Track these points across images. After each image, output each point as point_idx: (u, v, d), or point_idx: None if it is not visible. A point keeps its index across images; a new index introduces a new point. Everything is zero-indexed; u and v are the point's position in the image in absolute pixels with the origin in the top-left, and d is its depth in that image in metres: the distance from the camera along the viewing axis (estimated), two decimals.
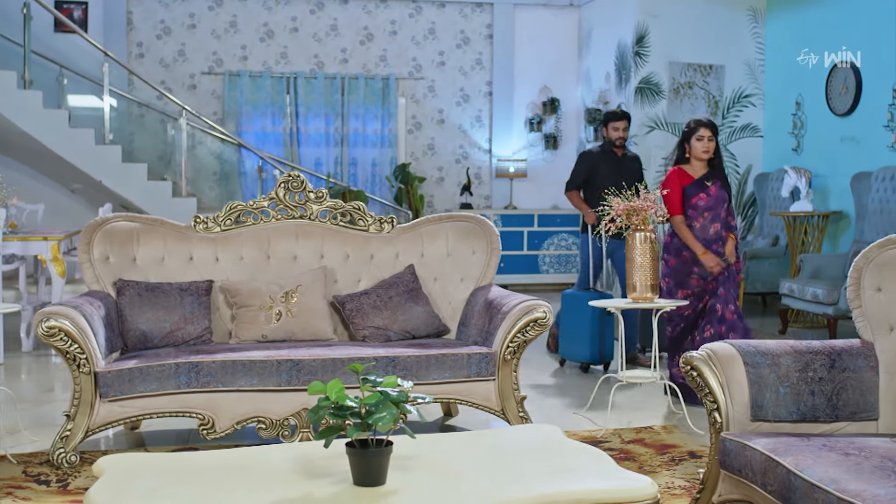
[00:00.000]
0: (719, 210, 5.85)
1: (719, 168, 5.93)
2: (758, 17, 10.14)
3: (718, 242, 5.84)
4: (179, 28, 11.01)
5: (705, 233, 5.84)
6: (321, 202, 5.31)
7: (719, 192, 5.84)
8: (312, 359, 4.57)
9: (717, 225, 5.84)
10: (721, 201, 5.85)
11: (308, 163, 11.21)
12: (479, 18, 11.70)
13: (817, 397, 3.35)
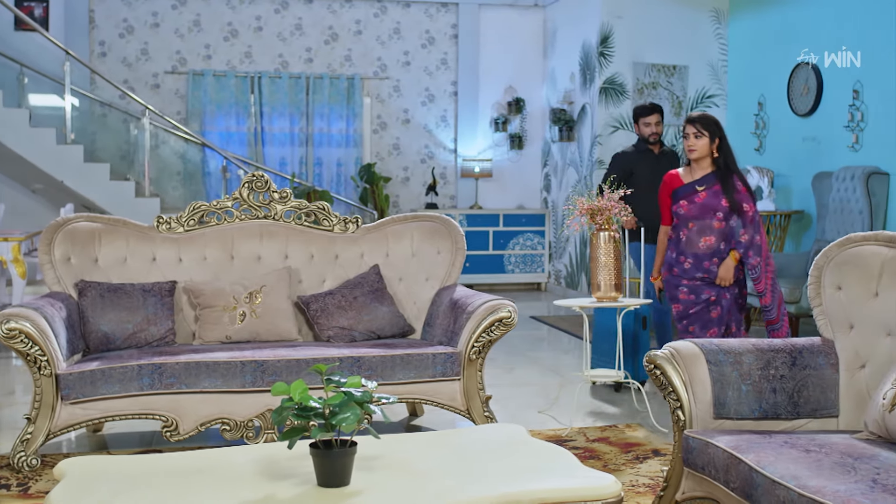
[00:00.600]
0: (709, 221, 5.11)
1: (724, 171, 5.13)
2: (720, 18, 10.23)
3: (714, 259, 5.12)
4: (142, 27, 10.91)
5: (693, 247, 5.15)
6: (285, 202, 5.28)
7: (709, 200, 5.10)
8: (277, 359, 4.55)
9: (710, 238, 5.12)
10: (710, 211, 5.10)
11: (272, 163, 11.15)
12: (444, 18, 11.70)
13: (779, 395, 3.39)
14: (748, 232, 5.08)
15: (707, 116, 5.15)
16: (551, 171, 11.59)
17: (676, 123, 10.21)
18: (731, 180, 5.11)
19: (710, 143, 5.11)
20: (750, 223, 5.09)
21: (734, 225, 5.10)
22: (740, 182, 5.14)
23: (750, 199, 5.13)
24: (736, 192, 5.09)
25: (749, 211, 5.09)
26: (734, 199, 5.08)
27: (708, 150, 5.12)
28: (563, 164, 11.16)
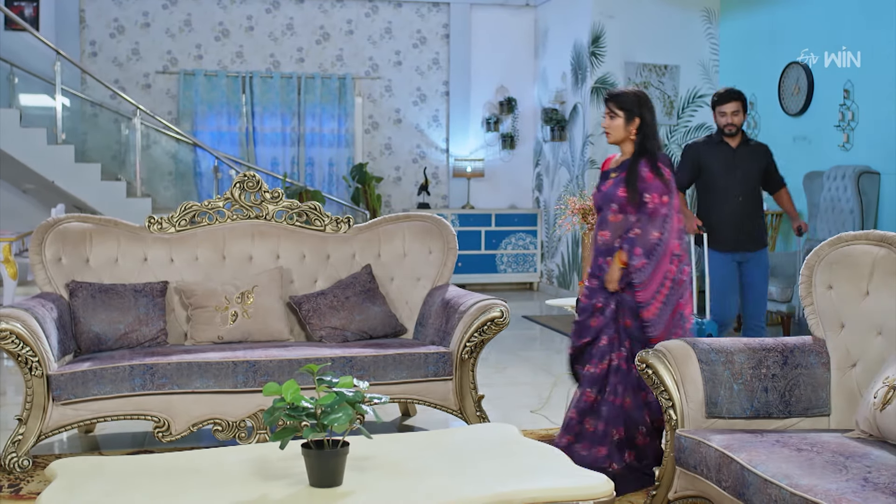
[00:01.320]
0: (606, 212, 4.32)
1: (636, 156, 4.28)
2: (711, 18, 10.24)
3: (607, 258, 4.30)
4: (133, 27, 10.88)
5: (595, 242, 4.43)
6: (277, 202, 5.28)
7: (610, 189, 4.30)
8: (269, 360, 4.54)
9: (605, 233, 4.32)
10: (608, 201, 4.30)
11: (264, 162, 11.14)
12: (435, 18, 11.70)
13: (770, 394, 3.40)
14: (642, 227, 4.18)
15: (625, 93, 4.32)
16: (543, 170, 11.60)
17: (668, 124, 10.23)
18: (637, 167, 4.24)
19: (625, 124, 4.26)
20: (649, 216, 4.18)
21: (632, 220, 4.23)
22: (647, 168, 4.21)
23: (657, 190, 4.19)
24: (641, 181, 4.20)
25: (650, 203, 4.18)
26: (635, 190, 4.19)
27: (624, 133, 4.28)
28: (555, 163, 11.17)
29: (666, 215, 4.20)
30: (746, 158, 5.94)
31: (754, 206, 5.98)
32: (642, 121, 4.27)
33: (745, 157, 5.94)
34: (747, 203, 5.95)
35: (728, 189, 5.90)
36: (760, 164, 6.00)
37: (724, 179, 5.89)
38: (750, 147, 5.99)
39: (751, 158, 5.96)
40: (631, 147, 4.30)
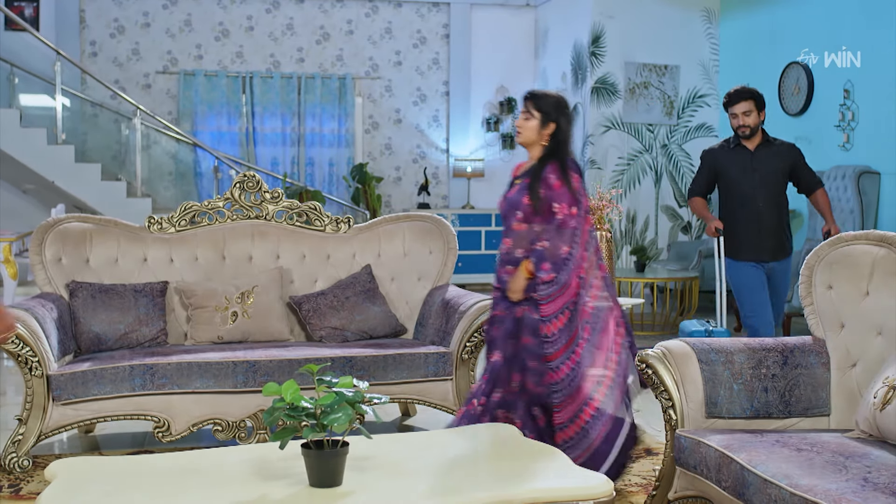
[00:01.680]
0: (511, 220, 4.04)
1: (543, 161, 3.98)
2: (711, 18, 10.25)
3: (507, 267, 4.01)
4: (133, 27, 10.88)
5: (500, 251, 4.13)
6: (277, 202, 5.28)
7: (515, 196, 4.02)
8: (269, 360, 4.54)
9: (508, 241, 4.04)
10: (513, 209, 4.02)
11: (264, 163, 11.14)
12: (435, 18, 11.70)
13: (770, 394, 3.40)
14: (550, 239, 3.88)
15: (547, 95, 4.08)
16: None
17: (668, 124, 10.23)
18: (542, 173, 3.95)
19: (540, 127, 3.99)
20: (558, 228, 3.89)
21: (537, 231, 3.94)
22: (555, 175, 3.92)
23: (565, 199, 3.90)
24: (547, 189, 3.92)
25: (559, 213, 3.89)
26: (538, 196, 3.92)
27: (536, 136, 4.00)
28: None
29: (575, 228, 3.91)
30: (766, 160, 5.57)
31: (778, 212, 5.60)
32: (557, 126, 4.00)
33: (764, 160, 5.57)
34: (769, 209, 5.57)
35: (746, 195, 5.58)
36: (782, 165, 5.59)
37: (742, 185, 5.57)
38: (772, 148, 5.59)
39: (771, 160, 5.57)
40: (540, 152, 4.03)
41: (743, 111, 5.50)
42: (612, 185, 9.94)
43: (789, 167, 5.61)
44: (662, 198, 10.31)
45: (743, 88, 5.56)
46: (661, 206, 10.21)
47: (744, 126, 5.51)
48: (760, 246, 5.58)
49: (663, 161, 10.27)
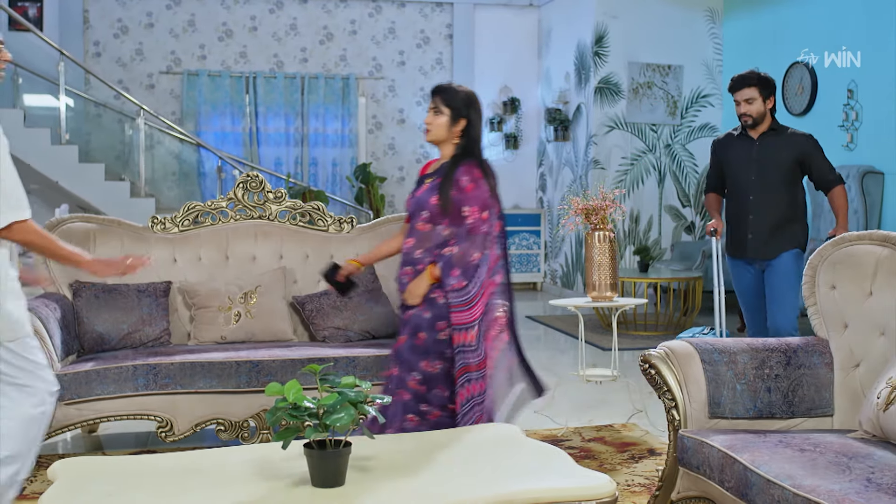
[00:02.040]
0: (416, 220, 3.86)
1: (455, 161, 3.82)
2: (715, 17, 10.24)
3: (406, 268, 3.87)
4: (137, 27, 10.90)
5: (403, 251, 3.94)
6: (280, 202, 5.28)
7: (423, 195, 3.85)
8: (272, 360, 4.54)
9: (410, 241, 3.88)
10: (419, 208, 3.85)
11: (268, 163, 11.15)
12: (439, 18, 11.70)
13: (773, 394, 3.39)
14: (461, 244, 3.73)
15: (456, 90, 3.89)
16: (547, 170, 11.60)
17: (671, 124, 10.22)
18: (454, 174, 3.78)
19: (450, 124, 3.82)
20: (468, 233, 3.74)
21: (445, 234, 3.78)
22: (467, 176, 3.77)
23: (477, 202, 3.76)
24: (458, 190, 3.76)
25: (469, 217, 3.74)
26: (447, 198, 3.75)
27: (446, 133, 3.83)
28: (559, 163, 11.17)
29: (487, 233, 3.77)
30: (768, 151, 5.16)
31: (774, 207, 5.18)
32: (469, 123, 3.84)
33: (766, 150, 5.17)
34: (764, 203, 5.19)
35: (742, 187, 5.25)
36: (788, 157, 5.13)
37: (739, 176, 5.26)
38: (779, 138, 5.17)
39: (775, 151, 5.14)
40: (451, 150, 3.86)
41: (745, 98, 5.13)
42: (615, 185, 9.94)
43: (797, 159, 5.16)
44: (666, 198, 10.30)
45: (749, 74, 5.17)
46: (664, 206, 10.21)
47: (745, 115, 5.15)
48: (746, 242, 5.24)
49: (667, 161, 10.26)
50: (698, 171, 10.30)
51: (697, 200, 10.37)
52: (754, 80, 5.11)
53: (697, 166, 10.30)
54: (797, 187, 5.23)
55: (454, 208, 3.75)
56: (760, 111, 5.12)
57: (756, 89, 5.09)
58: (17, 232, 3.04)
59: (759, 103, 5.11)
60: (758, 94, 5.10)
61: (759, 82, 5.11)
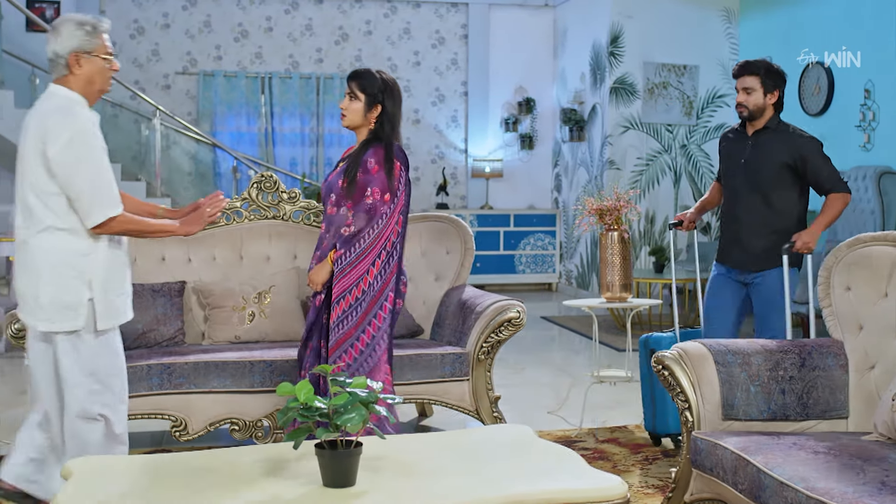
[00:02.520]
0: (326, 205, 3.99)
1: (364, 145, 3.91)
2: (731, 17, 10.20)
3: (316, 253, 4.01)
4: (153, 28, 10.94)
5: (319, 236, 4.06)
6: (294, 202, 5.28)
7: (333, 179, 3.95)
8: (286, 359, 4.55)
9: (324, 226, 4.01)
10: (328, 192, 3.96)
11: (283, 163, 11.17)
12: (454, 18, 11.70)
13: (788, 396, 3.37)
14: (357, 222, 3.81)
15: (371, 75, 3.94)
16: (562, 171, 11.58)
17: (687, 124, 10.19)
18: (363, 154, 3.85)
19: (365, 110, 3.90)
20: (366, 213, 3.81)
21: (343, 214, 3.88)
22: (374, 159, 3.83)
23: (380, 184, 3.82)
24: (364, 172, 3.82)
25: (370, 197, 3.81)
26: (353, 182, 3.83)
27: (362, 119, 3.91)
28: (574, 164, 11.15)
29: (384, 214, 3.82)
30: (761, 150, 4.58)
31: (762, 214, 4.58)
32: (383, 109, 3.89)
33: (759, 149, 4.58)
34: (750, 207, 4.62)
35: (731, 187, 4.71)
36: (779, 159, 4.52)
37: (729, 176, 4.73)
38: (775, 137, 4.56)
39: (768, 150, 4.56)
40: (367, 136, 3.94)
41: (745, 87, 4.54)
42: (630, 185, 9.91)
43: (790, 163, 4.51)
44: (682, 198, 10.26)
45: (755, 61, 4.58)
46: (680, 207, 10.17)
47: (741, 105, 4.57)
48: (728, 250, 4.72)
49: (682, 161, 10.22)
50: (714, 171, 10.25)
51: None
52: (759, 68, 4.53)
53: (713, 167, 10.25)
54: (793, 194, 4.58)
55: (359, 190, 3.82)
56: (759, 104, 4.53)
57: (758, 79, 4.51)
58: (113, 226, 3.32)
59: (759, 95, 4.52)
60: (759, 84, 4.50)
61: (763, 72, 4.51)
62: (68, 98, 3.32)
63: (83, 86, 3.35)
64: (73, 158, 3.21)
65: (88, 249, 3.30)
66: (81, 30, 3.31)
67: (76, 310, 3.29)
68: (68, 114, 3.25)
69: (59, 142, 3.20)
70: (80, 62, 3.31)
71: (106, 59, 3.37)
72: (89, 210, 3.25)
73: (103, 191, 3.27)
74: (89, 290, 3.30)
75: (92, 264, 3.31)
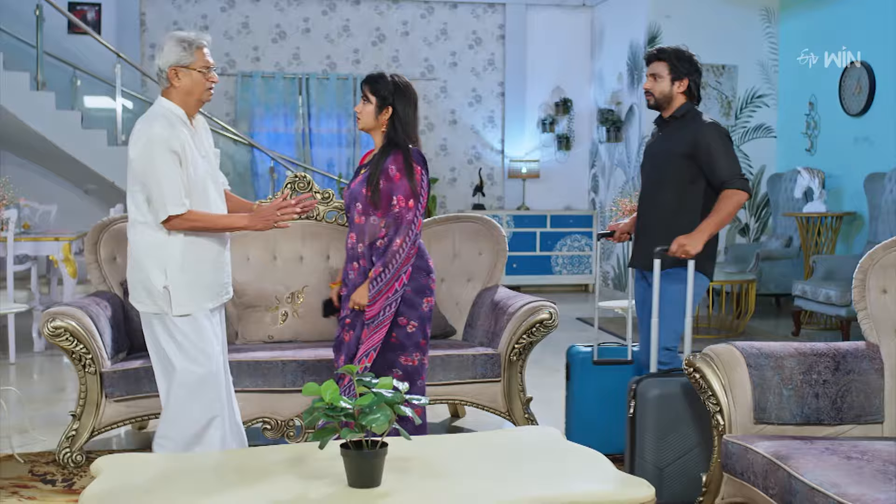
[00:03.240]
0: (352, 213, 3.97)
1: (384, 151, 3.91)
2: (771, 17, 10.08)
3: (353, 264, 3.97)
4: (192, 29, 10.97)
5: (346, 247, 4.05)
6: (328, 203, 5.30)
7: (357, 187, 3.95)
8: (317, 359, 4.57)
9: (352, 236, 3.97)
10: (353, 200, 3.95)
11: (320, 163, 11.22)
12: (491, 19, 11.68)
13: (821, 400, 3.33)
14: (389, 233, 3.84)
15: (382, 78, 3.93)
16: (599, 171, 11.52)
17: (725, 124, 10.09)
18: (384, 162, 3.87)
19: (376, 113, 3.90)
20: (396, 223, 3.83)
21: (374, 223, 3.89)
22: (395, 166, 3.84)
23: (404, 191, 3.83)
24: (387, 179, 3.84)
25: (396, 206, 3.83)
26: (377, 190, 3.84)
27: (374, 121, 3.91)
28: (611, 164, 11.09)
29: (411, 222, 3.84)
30: (662, 142, 4.32)
31: (661, 209, 4.30)
32: (394, 111, 3.89)
33: (661, 141, 4.33)
34: (649, 203, 4.37)
35: (642, 183, 4.47)
36: (678, 148, 4.20)
37: (642, 171, 4.49)
38: (677, 126, 4.25)
39: (666, 142, 4.29)
40: (382, 139, 3.95)
41: (652, 73, 4.27)
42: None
43: (692, 151, 4.16)
44: None
45: (666, 48, 4.30)
46: None
47: (647, 92, 4.28)
48: (634, 249, 4.46)
49: None
50: (753, 172, 10.15)
51: (752, 202, 10.22)
52: (669, 54, 4.23)
53: (752, 167, 10.15)
54: (695, 189, 4.23)
55: (384, 198, 3.85)
56: (664, 91, 4.22)
57: (666, 65, 4.20)
58: (179, 223, 3.56)
59: (666, 83, 4.21)
60: (667, 71, 4.20)
61: (673, 58, 4.21)
62: (163, 108, 3.64)
63: (182, 97, 3.67)
64: (146, 161, 3.51)
65: (163, 241, 3.59)
66: (180, 46, 3.60)
67: (155, 295, 3.60)
68: (152, 122, 3.56)
69: (137, 145, 3.54)
70: (179, 75, 3.62)
71: (203, 72, 3.66)
72: (158, 208, 3.53)
73: (170, 192, 3.50)
74: (165, 278, 3.59)
75: (167, 255, 3.59)
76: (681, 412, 3.77)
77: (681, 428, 3.75)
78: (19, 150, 10.17)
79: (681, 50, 4.27)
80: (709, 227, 4.13)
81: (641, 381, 3.85)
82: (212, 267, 3.75)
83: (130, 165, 3.57)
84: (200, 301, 3.68)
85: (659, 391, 3.80)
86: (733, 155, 4.20)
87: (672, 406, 3.78)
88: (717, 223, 4.14)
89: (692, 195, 4.23)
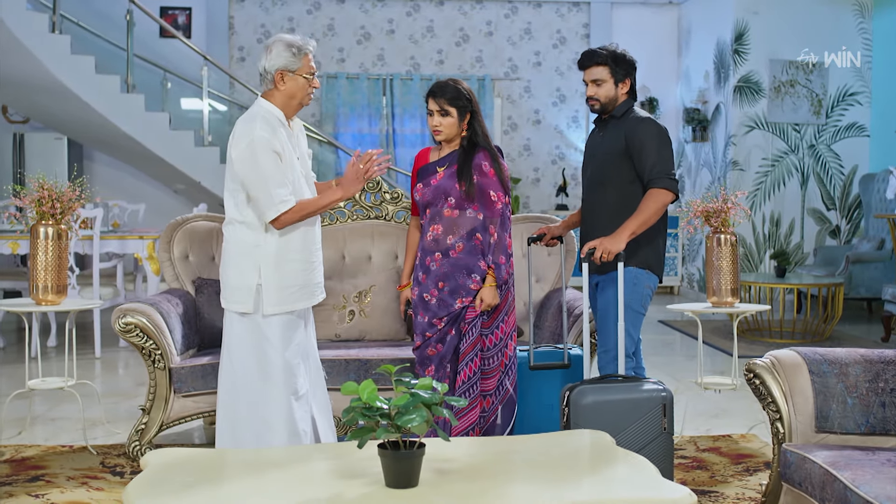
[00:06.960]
0: (440, 207, 4.06)
1: (468, 148, 4.05)
2: (864, 12, 9.77)
3: (437, 255, 4.05)
4: (279, 31, 11.20)
5: (425, 240, 4.12)
6: (397, 203, 5.32)
7: (443, 182, 4.05)
8: (381, 359, 4.59)
9: (437, 227, 4.07)
10: (442, 195, 4.05)
11: (404, 164, 11.29)
12: (575, 18, 11.59)
13: (888, 409, 3.20)
14: (497, 231, 4.02)
15: (452, 88, 4.01)
16: (685, 171, 11.32)
17: (816, 123, 9.81)
18: (473, 160, 4.04)
19: (458, 122, 4.03)
20: (498, 217, 4.02)
21: (471, 216, 4.03)
22: (488, 163, 4.02)
23: (501, 188, 4.04)
24: (481, 175, 4.02)
25: (498, 202, 4.03)
26: (472, 183, 3.99)
27: (457, 130, 4.05)
28: (697, 164, 10.88)
29: (509, 217, 4.12)
30: (601, 142, 4.26)
31: (604, 209, 4.21)
32: (473, 115, 4.07)
33: (603, 141, 4.26)
34: (592, 203, 4.30)
35: (584, 184, 4.41)
36: (616, 146, 4.15)
37: (583, 172, 4.42)
38: (619, 122, 4.18)
39: (604, 142, 4.24)
40: (459, 141, 4.11)
41: (593, 79, 4.17)
42: (755, 187, 9.62)
43: (627, 148, 4.11)
44: (809, 200, 9.90)
45: (599, 50, 4.18)
46: (807, 209, 9.81)
47: (592, 98, 4.21)
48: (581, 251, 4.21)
49: (810, 162, 9.86)
50: (844, 172, 9.85)
51: (843, 203, 9.92)
52: (606, 57, 4.13)
53: (843, 168, 9.85)
54: (636, 188, 4.13)
55: (480, 193, 4.03)
56: (610, 96, 4.16)
57: (607, 69, 4.12)
58: (288, 218, 3.61)
59: (610, 86, 4.14)
60: (609, 74, 4.12)
61: (611, 61, 4.13)
62: (263, 109, 3.67)
63: (284, 100, 3.70)
64: (250, 162, 3.55)
65: (259, 241, 3.65)
66: (289, 51, 3.65)
67: (246, 293, 3.66)
68: (253, 123, 3.58)
69: (239, 146, 3.57)
70: (284, 79, 3.67)
71: (307, 77, 3.71)
72: (265, 209, 3.57)
73: (277, 190, 3.54)
74: (258, 277, 3.64)
75: (262, 254, 3.65)
76: (618, 420, 3.56)
77: (618, 436, 3.41)
78: (111, 151, 10.47)
79: (615, 51, 4.18)
80: (630, 227, 3.99)
81: (575, 388, 3.65)
82: (305, 267, 3.78)
83: (231, 166, 3.60)
84: (292, 301, 3.72)
85: (593, 398, 3.61)
86: (666, 153, 4.08)
87: (608, 414, 3.58)
88: (639, 223, 4.00)
89: (635, 195, 4.13)
